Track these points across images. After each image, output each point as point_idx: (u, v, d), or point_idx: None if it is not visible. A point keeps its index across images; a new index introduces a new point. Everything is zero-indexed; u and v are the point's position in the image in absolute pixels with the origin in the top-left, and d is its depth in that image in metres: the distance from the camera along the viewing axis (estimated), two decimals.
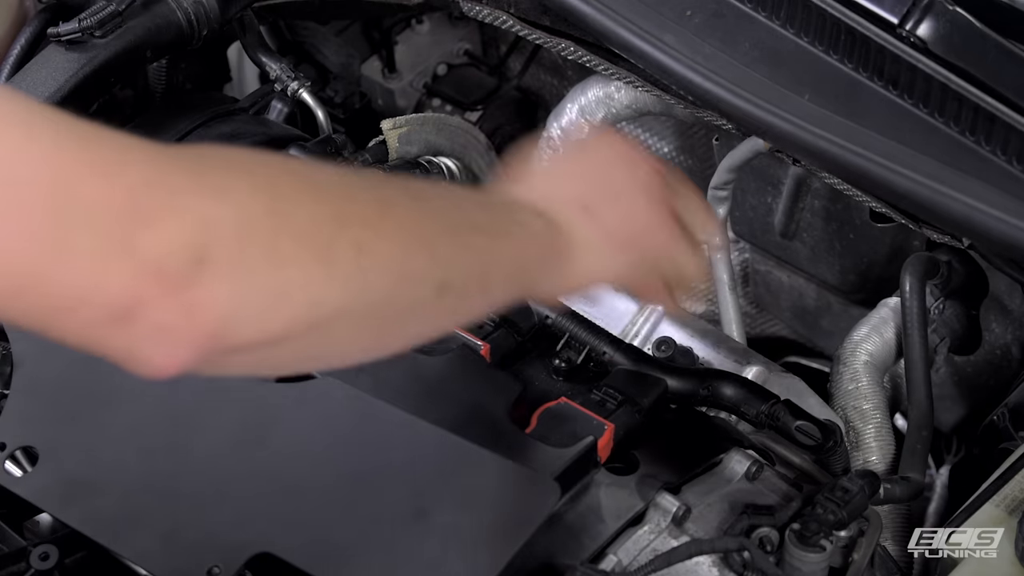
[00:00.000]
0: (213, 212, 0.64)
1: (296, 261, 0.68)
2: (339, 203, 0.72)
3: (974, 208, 0.91)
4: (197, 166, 0.66)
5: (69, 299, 0.62)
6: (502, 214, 0.85)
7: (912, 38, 0.98)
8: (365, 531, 0.90)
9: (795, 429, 1.03)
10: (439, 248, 0.76)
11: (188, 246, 0.63)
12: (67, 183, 0.60)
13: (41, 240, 0.60)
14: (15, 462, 1.00)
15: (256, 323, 0.67)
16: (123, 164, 0.63)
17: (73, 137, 0.62)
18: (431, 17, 1.66)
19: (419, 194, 0.79)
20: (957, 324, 1.30)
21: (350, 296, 0.71)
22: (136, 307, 0.63)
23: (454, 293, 0.78)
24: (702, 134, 1.61)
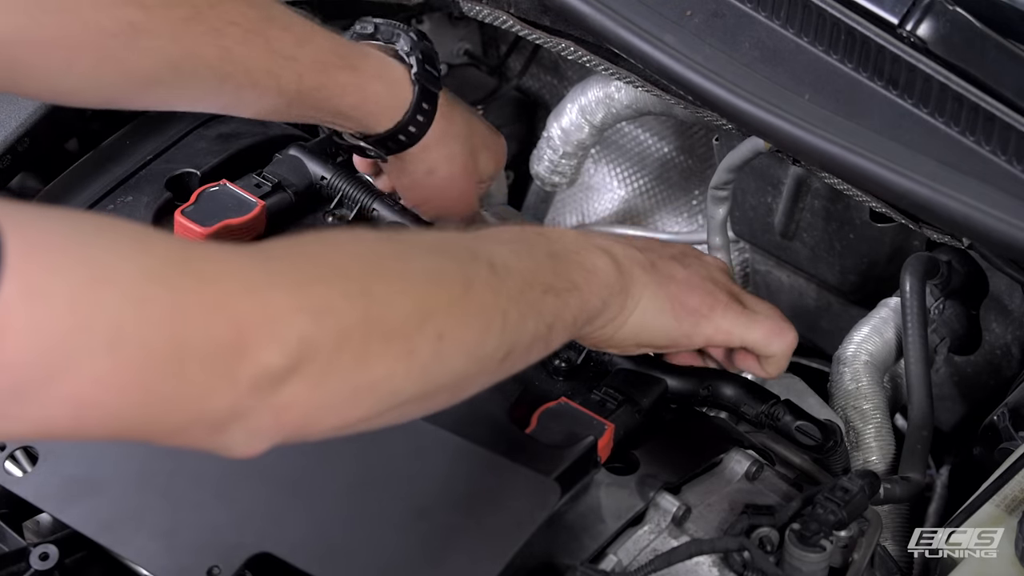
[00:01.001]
0: (311, 331, 0.67)
1: (382, 359, 0.71)
2: (426, 292, 0.76)
3: (974, 208, 0.91)
4: (296, 281, 0.69)
5: (176, 428, 0.67)
6: (573, 262, 0.88)
7: (912, 38, 0.98)
8: (365, 531, 0.90)
9: (795, 429, 1.03)
10: (510, 320, 0.80)
11: (285, 364, 0.66)
12: (185, 335, 0.63)
13: (159, 386, 0.63)
14: (15, 462, 1.00)
15: (337, 416, 0.72)
16: (229, 297, 0.65)
17: (183, 275, 0.65)
18: (431, 17, 1.66)
19: (497, 260, 0.81)
20: (957, 324, 1.30)
21: (428, 382, 0.75)
22: (235, 419, 0.67)
23: (518, 355, 0.82)
24: (702, 134, 1.61)
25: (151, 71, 0.98)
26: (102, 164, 1.24)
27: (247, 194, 1.15)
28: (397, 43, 1.12)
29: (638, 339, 0.96)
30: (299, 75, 1.04)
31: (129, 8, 0.94)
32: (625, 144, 1.71)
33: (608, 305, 0.91)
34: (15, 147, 1.23)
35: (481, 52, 1.74)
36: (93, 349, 0.60)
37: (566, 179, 1.54)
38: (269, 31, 1.02)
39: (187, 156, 1.23)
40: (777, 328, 1.00)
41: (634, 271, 0.94)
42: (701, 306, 0.97)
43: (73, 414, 0.62)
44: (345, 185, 1.19)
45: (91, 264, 0.61)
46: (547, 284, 0.84)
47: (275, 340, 0.66)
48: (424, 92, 1.11)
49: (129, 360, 0.61)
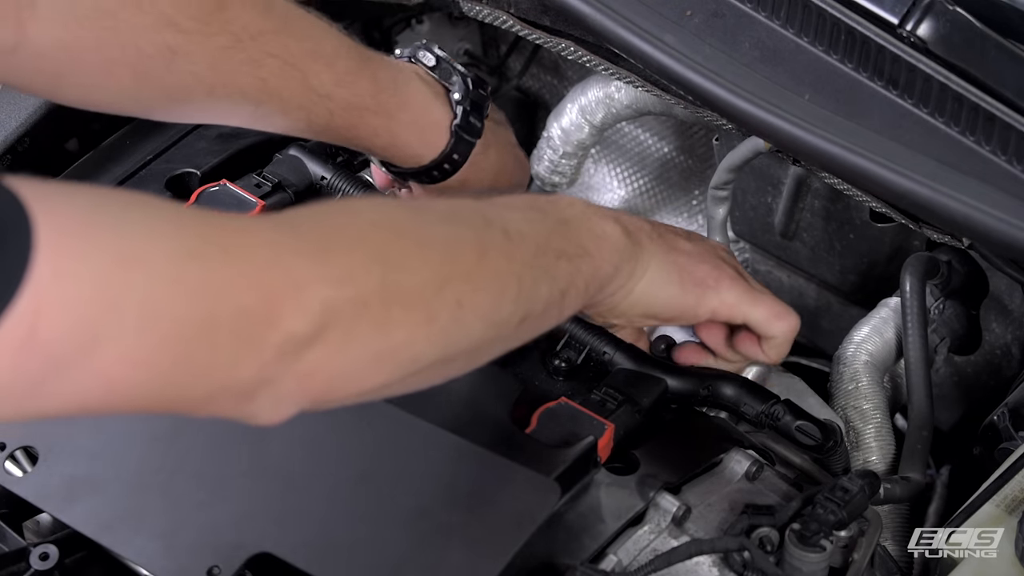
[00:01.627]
0: (333, 297, 0.69)
1: (402, 325, 0.73)
2: (444, 259, 0.77)
3: (974, 208, 0.91)
4: (319, 249, 0.71)
5: (204, 398, 0.68)
6: (583, 228, 0.89)
7: (912, 38, 0.98)
8: (365, 531, 0.90)
9: (795, 429, 1.03)
10: (525, 285, 0.81)
11: (310, 330, 0.68)
12: (213, 306, 0.64)
13: (188, 358, 0.65)
14: (15, 462, 1.00)
15: (360, 382, 0.73)
16: (256, 269, 0.67)
17: (213, 250, 0.66)
18: (431, 17, 1.66)
19: (510, 226, 0.83)
20: (957, 324, 1.30)
21: (448, 348, 0.77)
22: (260, 385, 0.68)
23: (533, 320, 0.84)
24: (702, 134, 1.61)
25: (186, 92, 0.99)
26: (102, 164, 1.24)
27: (247, 194, 1.15)
28: (452, 87, 1.12)
29: (644, 308, 0.97)
30: (331, 112, 1.04)
31: (168, 32, 0.95)
32: (625, 144, 1.71)
33: (619, 271, 0.92)
34: (15, 147, 1.23)
35: (481, 52, 1.74)
36: (123, 325, 0.61)
37: (566, 179, 1.54)
38: (310, 66, 1.02)
39: (187, 156, 1.23)
40: (781, 309, 1.02)
41: (643, 239, 0.95)
42: (707, 277, 0.98)
43: (105, 389, 0.63)
44: (345, 185, 1.19)
45: (121, 240, 0.62)
46: (560, 249, 0.86)
47: (299, 308, 0.67)
48: (459, 143, 1.11)
49: (159, 336, 0.63)
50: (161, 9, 0.94)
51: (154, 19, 0.94)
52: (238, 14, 0.98)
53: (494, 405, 0.98)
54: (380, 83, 1.07)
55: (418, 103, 1.10)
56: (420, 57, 1.13)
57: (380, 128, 1.08)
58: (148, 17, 0.94)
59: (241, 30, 0.98)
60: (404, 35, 1.65)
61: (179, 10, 0.95)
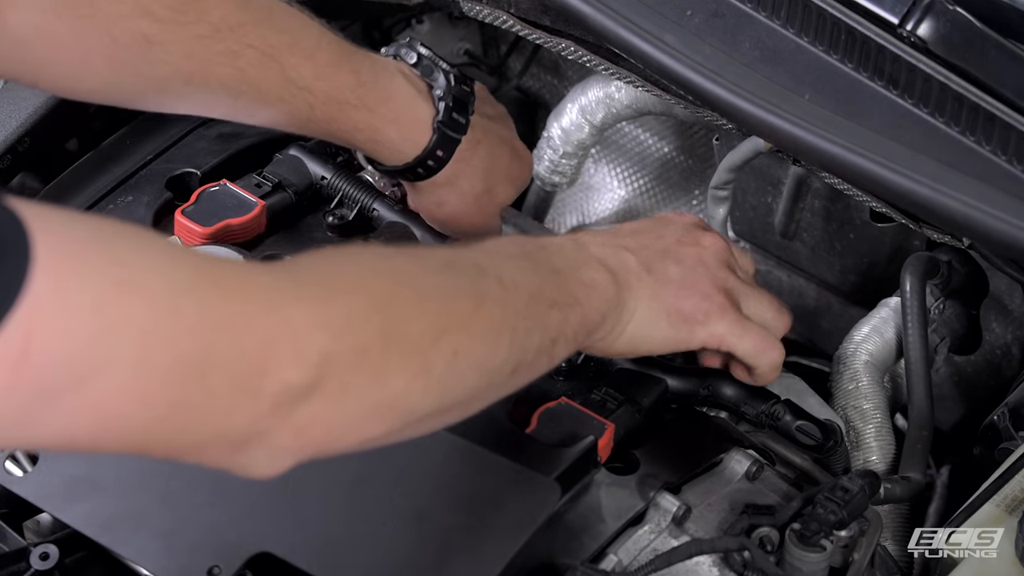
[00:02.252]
0: (331, 346, 0.68)
1: (399, 375, 0.72)
2: (441, 309, 0.77)
3: (974, 208, 0.91)
4: (319, 299, 0.70)
5: (198, 443, 0.67)
6: (573, 278, 0.90)
7: (912, 38, 0.98)
8: (365, 531, 0.90)
9: (795, 429, 1.03)
10: (517, 335, 0.81)
11: (307, 381, 0.67)
12: (210, 348, 0.64)
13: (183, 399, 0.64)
14: (15, 462, 1.00)
15: (356, 433, 0.73)
16: (255, 314, 0.66)
17: (211, 288, 0.65)
18: (431, 17, 1.66)
19: (504, 276, 0.83)
20: (957, 324, 1.30)
21: (444, 398, 0.77)
22: (255, 436, 0.67)
23: (524, 369, 0.84)
24: (702, 134, 1.61)
25: (163, 82, 1.00)
26: (102, 164, 1.24)
27: (247, 194, 1.15)
28: (434, 82, 1.12)
29: (635, 347, 0.97)
30: (311, 106, 1.04)
31: (144, 21, 0.95)
32: (625, 144, 1.71)
33: (606, 318, 0.92)
34: (15, 147, 1.23)
35: (481, 52, 1.74)
36: (119, 356, 0.60)
37: (566, 179, 1.54)
38: (288, 59, 1.02)
39: (187, 156, 1.23)
40: (766, 343, 1.01)
41: (630, 281, 0.95)
42: (696, 312, 0.98)
43: (97, 423, 0.62)
44: (345, 185, 1.19)
45: (118, 271, 0.61)
46: (552, 299, 0.86)
47: (296, 357, 0.66)
48: (442, 139, 1.11)
49: (155, 370, 0.62)
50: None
51: (131, 8, 0.95)
52: (216, 4, 0.98)
53: (494, 405, 0.98)
54: (361, 77, 1.07)
55: (400, 99, 1.10)
56: (403, 55, 1.13)
57: (361, 123, 1.07)
58: (125, 6, 0.95)
59: (219, 20, 0.98)
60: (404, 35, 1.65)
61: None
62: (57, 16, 0.93)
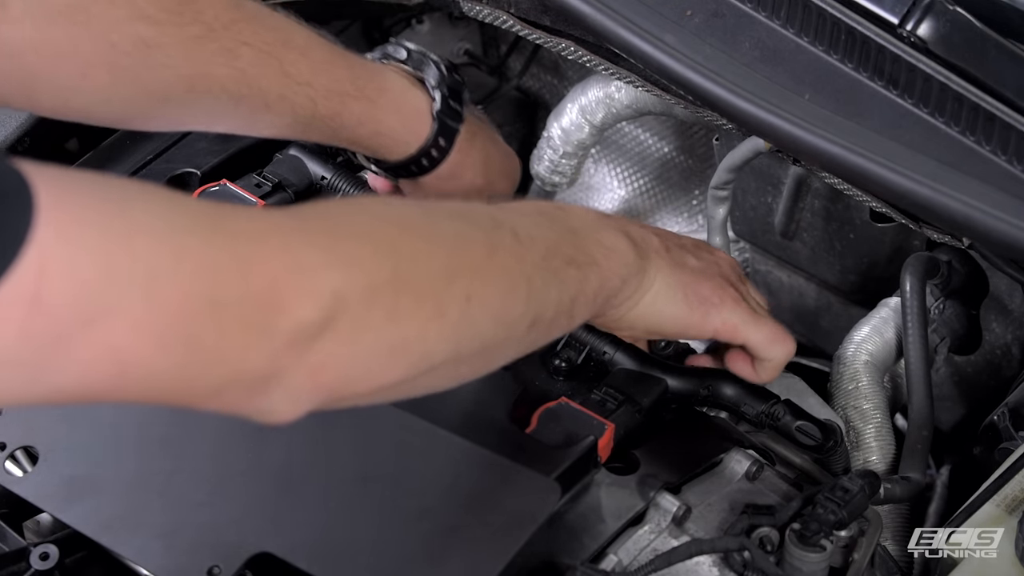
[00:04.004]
0: (343, 285, 0.68)
1: (413, 317, 0.72)
2: (452, 253, 0.77)
3: (974, 208, 0.91)
4: (328, 238, 0.70)
5: (216, 386, 0.67)
6: (592, 239, 0.89)
7: (912, 38, 0.98)
8: (365, 531, 0.90)
9: (795, 429, 1.03)
10: (534, 287, 0.81)
11: (319, 319, 0.67)
12: (219, 285, 0.64)
13: (196, 339, 0.64)
14: (15, 462, 1.00)
15: (372, 377, 0.72)
16: (264, 253, 0.66)
17: (217, 230, 0.65)
18: (431, 17, 1.66)
19: (520, 229, 0.83)
20: (957, 324, 1.30)
21: (458, 344, 0.76)
22: (271, 377, 0.67)
23: (543, 325, 0.83)
24: (702, 134, 1.61)
25: (165, 88, 0.99)
26: (102, 164, 1.24)
27: (247, 194, 1.15)
28: (426, 74, 1.12)
29: (650, 322, 0.97)
30: (313, 101, 1.04)
31: (139, 24, 0.95)
32: (625, 144, 1.71)
33: (626, 283, 0.92)
34: (15, 147, 1.23)
35: (481, 52, 1.74)
36: (129, 295, 0.60)
37: (566, 179, 1.54)
38: (285, 55, 1.02)
39: (187, 156, 1.23)
40: (780, 334, 1.02)
41: (650, 253, 0.95)
42: (712, 296, 0.98)
43: (115, 364, 0.62)
44: (345, 185, 1.19)
45: (123, 215, 0.62)
46: (569, 256, 0.86)
47: (308, 294, 0.66)
48: (443, 128, 1.11)
49: (165, 309, 0.62)
50: (133, 1, 0.94)
51: (126, 12, 0.94)
52: (209, 4, 0.98)
53: (494, 405, 0.98)
54: (356, 70, 1.07)
55: (397, 89, 1.10)
56: (391, 53, 1.13)
57: (364, 115, 1.07)
58: (120, 10, 0.94)
59: (213, 19, 0.98)
60: (404, 35, 1.65)
61: (150, 1, 0.95)
62: (52, 25, 0.92)
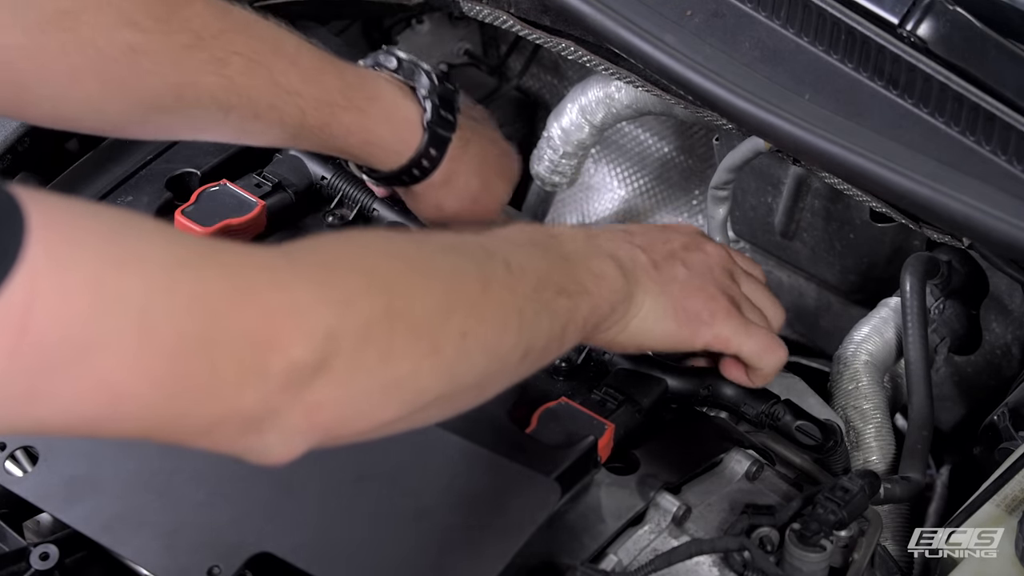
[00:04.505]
0: (337, 323, 0.68)
1: (407, 356, 0.72)
2: (447, 289, 0.77)
3: (974, 208, 0.91)
4: (321, 276, 0.70)
5: (207, 424, 0.66)
6: (582, 267, 0.90)
7: (912, 38, 0.98)
8: (365, 531, 0.90)
9: (795, 429, 1.03)
10: (526, 319, 0.81)
11: (314, 360, 0.66)
12: (213, 322, 0.63)
13: (189, 376, 0.63)
14: (15, 462, 1.00)
15: (368, 417, 0.72)
16: (257, 288, 0.66)
17: (210, 265, 0.65)
18: (431, 17, 1.66)
19: (512, 260, 0.83)
20: (957, 324, 1.30)
21: (453, 381, 0.76)
22: (266, 418, 0.67)
23: (534, 355, 0.83)
24: (702, 134, 1.61)
25: (153, 97, 0.98)
26: (102, 164, 1.24)
27: (247, 194, 1.15)
28: (417, 83, 1.11)
29: (639, 342, 0.97)
30: (302, 111, 1.03)
31: (127, 31, 0.94)
32: (625, 144, 1.71)
33: (615, 310, 0.92)
34: (15, 147, 1.23)
35: (481, 52, 1.74)
36: (121, 329, 0.60)
37: (566, 179, 1.54)
38: (274, 64, 1.01)
39: (187, 156, 1.23)
40: (771, 344, 1.01)
41: (639, 275, 0.95)
42: (702, 311, 0.98)
43: (105, 397, 0.62)
44: (345, 185, 1.19)
45: (115, 244, 0.61)
46: (560, 286, 0.86)
47: (303, 334, 0.66)
48: (434, 138, 1.11)
49: (158, 344, 0.61)
50: (120, 8, 0.94)
51: (114, 18, 0.94)
52: (198, 12, 0.97)
53: (494, 405, 0.98)
54: (347, 79, 1.07)
55: (387, 99, 1.09)
56: (382, 61, 1.13)
57: (353, 125, 1.07)
58: (108, 17, 0.94)
59: (202, 28, 0.97)
60: (404, 35, 1.65)
61: (138, 8, 0.94)
62: (42, 32, 0.92)
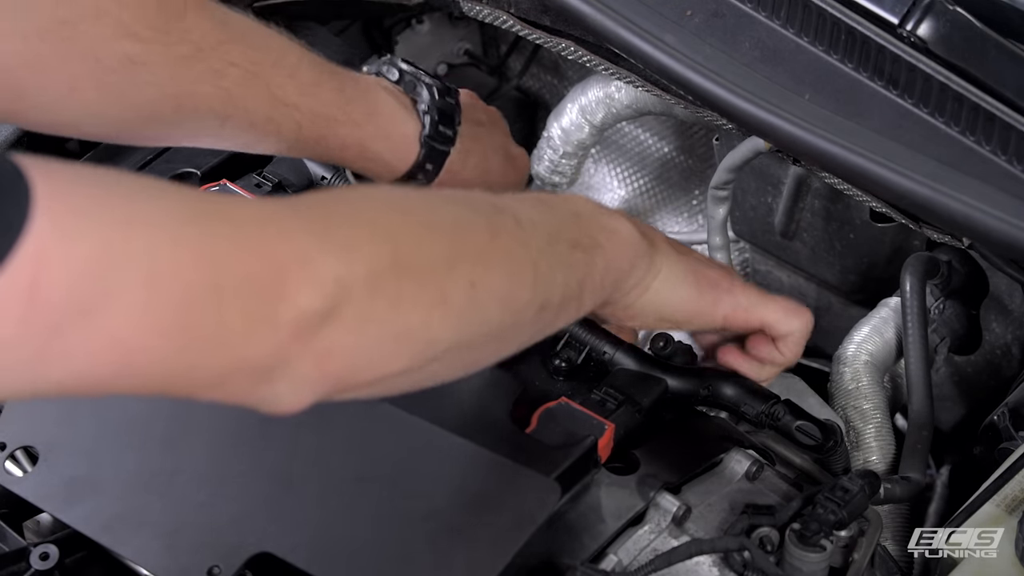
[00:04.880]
0: (344, 272, 0.68)
1: (416, 304, 0.72)
2: (453, 239, 0.76)
3: (974, 208, 0.91)
4: (325, 226, 0.70)
5: (219, 375, 0.66)
6: (594, 222, 0.89)
7: (912, 38, 0.98)
8: (365, 531, 0.90)
9: (795, 429, 1.03)
10: (540, 271, 0.80)
11: (323, 307, 0.67)
12: (219, 273, 0.63)
13: (199, 327, 0.63)
14: (15, 462, 1.00)
15: (378, 366, 0.72)
16: (262, 239, 0.66)
17: (216, 219, 0.65)
18: (431, 17, 1.66)
19: (522, 215, 0.82)
20: (957, 324, 1.30)
21: (463, 330, 0.76)
22: (276, 367, 0.67)
23: (551, 310, 0.83)
24: (702, 134, 1.61)
25: (151, 107, 0.98)
26: (102, 164, 1.24)
27: (247, 194, 1.15)
28: (418, 97, 1.11)
29: (660, 308, 0.96)
30: (299, 124, 1.03)
31: (125, 41, 0.94)
32: (625, 144, 1.71)
33: (634, 267, 0.92)
34: (15, 147, 1.23)
35: (481, 52, 1.74)
36: (128, 284, 0.60)
37: (566, 179, 1.54)
38: (272, 76, 1.01)
39: (187, 156, 1.23)
40: (794, 306, 1.01)
41: (656, 239, 0.95)
42: (721, 280, 0.98)
43: (116, 354, 0.62)
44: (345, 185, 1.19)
45: (120, 205, 0.62)
46: (573, 239, 0.85)
47: (311, 282, 0.66)
48: (431, 153, 1.11)
49: (166, 298, 0.62)
50: (119, 18, 0.94)
51: (112, 29, 0.94)
52: (197, 23, 0.97)
53: (494, 405, 0.98)
54: (345, 93, 1.07)
55: (385, 113, 1.10)
56: (384, 72, 1.13)
57: (349, 139, 1.07)
58: (107, 27, 0.94)
59: (200, 39, 0.97)
60: (404, 35, 1.65)
61: (137, 19, 0.94)
62: (41, 40, 0.92)
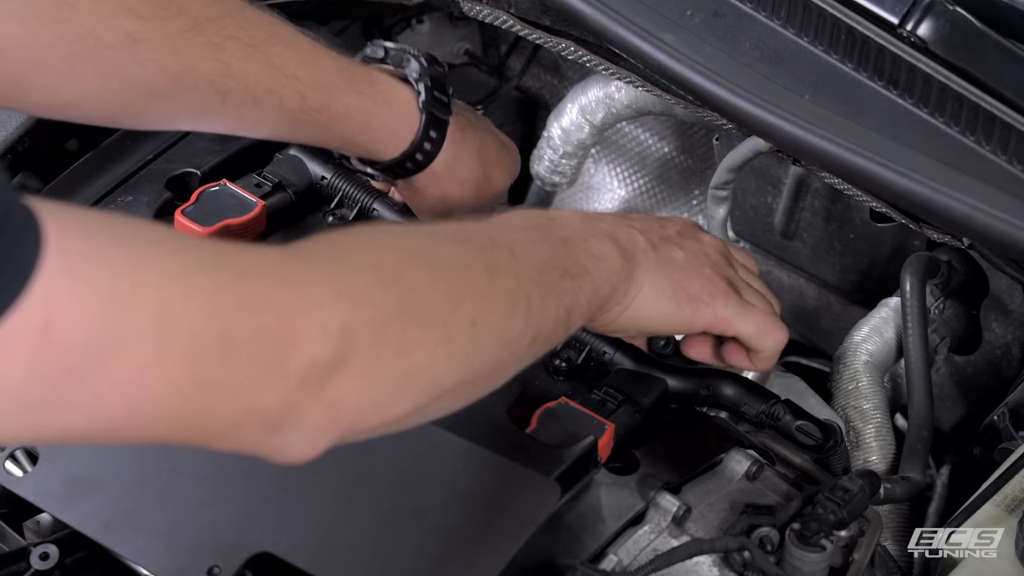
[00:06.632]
0: (352, 319, 0.68)
1: (421, 347, 0.73)
2: (455, 279, 0.77)
3: (974, 208, 0.91)
4: (333, 272, 0.70)
5: (229, 425, 0.67)
6: (582, 248, 0.90)
7: (912, 38, 0.98)
8: (365, 531, 0.90)
9: (795, 429, 1.03)
10: (533, 303, 0.82)
11: (332, 355, 0.67)
12: (229, 324, 0.64)
13: (208, 377, 0.64)
14: (15, 462, 1.00)
15: (386, 409, 0.72)
16: (270, 288, 0.66)
17: (223, 269, 0.65)
18: (431, 17, 1.66)
19: (516, 246, 0.84)
20: (957, 324, 1.30)
21: (467, 368, 0.77)
22: (287, 416, 0.67)
23: (542, 339, 0.84)
24: (702, 134, 1.61)
25: (151, 83, 0.98)
26: (102, 164, 1.24)
27: (247, 194, 1.15)
28: (407, 68, 1.12)
29: (641, 322, 0.97)
30: (301, 94, 1.03)
31: (125, 18, 0.95)
32: (625, 144, 1.71)
33: (616, 290, 0.92)
34: (15, 147, 1.23)
35: (481, 52, 1.74)
36: (139, 333, 0.60)
37: (566, 179, 1.54)
38: (271, 48, 1.02)
39: (187, 156, 1.23)
40: (771, 324, 1.01)
41: (638, 256, 0.95)
42: (702, 292, 0.98)
43: (125, 402, 0.62)
44: (345, 185, 1.19)
45: (130, 251, 0.62)
46: (563, 268, 0.86)
47: (319, 330, 0.66)
48: (432, 119, 1.11)
49: (175, 347, 0.62)
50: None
51: (111, 7, 0.94)
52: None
53: (494, 405, 0.98)
54: (342, 62, 1.07)
55: (383, 80, 1.10)
56: (369, 53, 1.13)
57: (353, 107, 1.07)
58: (105, 6, 0.94)
59: (198, 13, 0.98)
60: (404, 35, 1.65)
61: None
62: (39, 22, 0.92)
